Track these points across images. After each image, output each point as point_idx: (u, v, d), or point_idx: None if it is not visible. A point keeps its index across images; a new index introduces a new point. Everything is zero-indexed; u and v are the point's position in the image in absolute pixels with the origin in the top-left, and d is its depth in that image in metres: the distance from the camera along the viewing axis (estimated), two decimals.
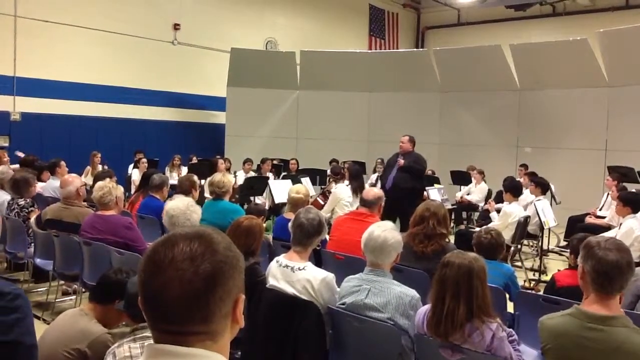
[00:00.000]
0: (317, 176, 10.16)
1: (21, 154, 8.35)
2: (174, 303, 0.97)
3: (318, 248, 3.66)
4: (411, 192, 7.37)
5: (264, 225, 5.16)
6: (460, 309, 2.46)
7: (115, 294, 2.58)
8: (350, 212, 5.07)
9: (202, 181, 7.04)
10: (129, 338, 1.97)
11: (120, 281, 2.61)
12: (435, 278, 2.62)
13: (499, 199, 8.35)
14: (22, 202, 5.47)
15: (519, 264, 6.82)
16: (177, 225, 3.72)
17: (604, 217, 7.38)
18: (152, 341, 1.02)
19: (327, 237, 4.53)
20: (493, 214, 7.22)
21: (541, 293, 3.79)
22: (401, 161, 7.48)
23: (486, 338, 2.44)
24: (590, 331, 2.10)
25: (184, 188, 5.27)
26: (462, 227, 8.88)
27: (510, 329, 2.66)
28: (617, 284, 2.11)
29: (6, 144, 10.29)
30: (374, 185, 8.12)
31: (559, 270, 3.92)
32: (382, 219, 4.04)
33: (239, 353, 3.15)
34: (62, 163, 7.18)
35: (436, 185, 9.02)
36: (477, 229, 6.47)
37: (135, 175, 9.31)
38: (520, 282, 5.04)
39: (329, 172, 9.73)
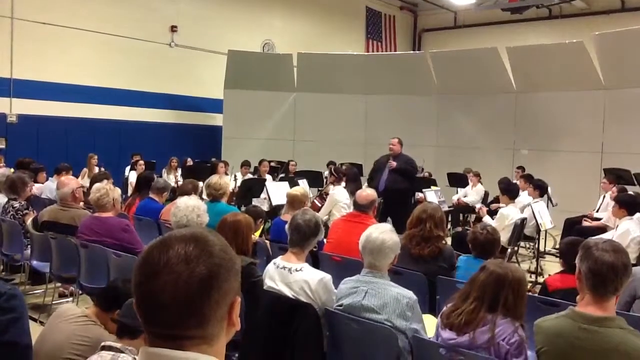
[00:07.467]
0: (314, 178, 10.13)
1: None
2: (169, 306, 0.96)
3: (315, 249, 3.66)
4: (403, 193, 7.50)
5: (261, 227, 5.19)
6: (481, 311, 2.47)
7: (121, 304, 2.55)
8: (348, 214, 5.06)
9: (200, 183, 7.03)
10: None
11: (129, 292, 2.57)
12: (469, 278, 2.64)
13: (496, 201, 8.35)
14: (16, 204, 5.45)
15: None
16: (182, 224, 3.75)
17: (600, 219, 7.41)
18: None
19: (325, 239, 4.53)
20: (486, 218, 7.17)
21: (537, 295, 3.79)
22: (393, 163, 7.63)
23: (494, 333, 2.41)
24: (585, 332, 2.10)
25: (185, 191, 5.27)
26: (459, 229, 8.87)
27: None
28: (612, 285, 2.12)
29: (2, 146, 10.27)
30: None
31: (549, 275, 3.94)
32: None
33: (236, 355, 3.15)
34: (70, 172, 7.15)
35: (433, 188, 9.01)
36: None
37: (133, 177, 9.27)
38: None
39: (325, 174, 9.72)
